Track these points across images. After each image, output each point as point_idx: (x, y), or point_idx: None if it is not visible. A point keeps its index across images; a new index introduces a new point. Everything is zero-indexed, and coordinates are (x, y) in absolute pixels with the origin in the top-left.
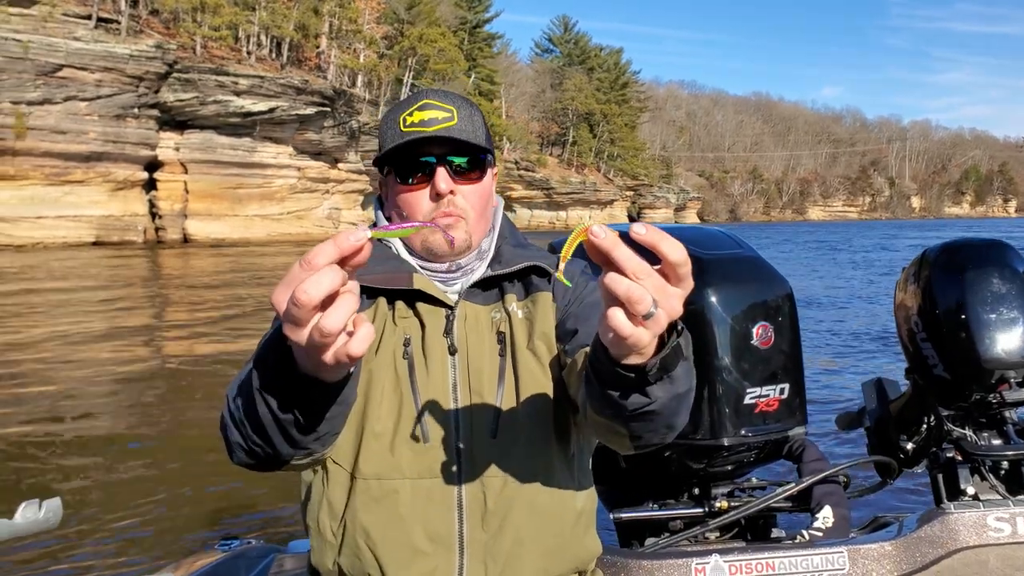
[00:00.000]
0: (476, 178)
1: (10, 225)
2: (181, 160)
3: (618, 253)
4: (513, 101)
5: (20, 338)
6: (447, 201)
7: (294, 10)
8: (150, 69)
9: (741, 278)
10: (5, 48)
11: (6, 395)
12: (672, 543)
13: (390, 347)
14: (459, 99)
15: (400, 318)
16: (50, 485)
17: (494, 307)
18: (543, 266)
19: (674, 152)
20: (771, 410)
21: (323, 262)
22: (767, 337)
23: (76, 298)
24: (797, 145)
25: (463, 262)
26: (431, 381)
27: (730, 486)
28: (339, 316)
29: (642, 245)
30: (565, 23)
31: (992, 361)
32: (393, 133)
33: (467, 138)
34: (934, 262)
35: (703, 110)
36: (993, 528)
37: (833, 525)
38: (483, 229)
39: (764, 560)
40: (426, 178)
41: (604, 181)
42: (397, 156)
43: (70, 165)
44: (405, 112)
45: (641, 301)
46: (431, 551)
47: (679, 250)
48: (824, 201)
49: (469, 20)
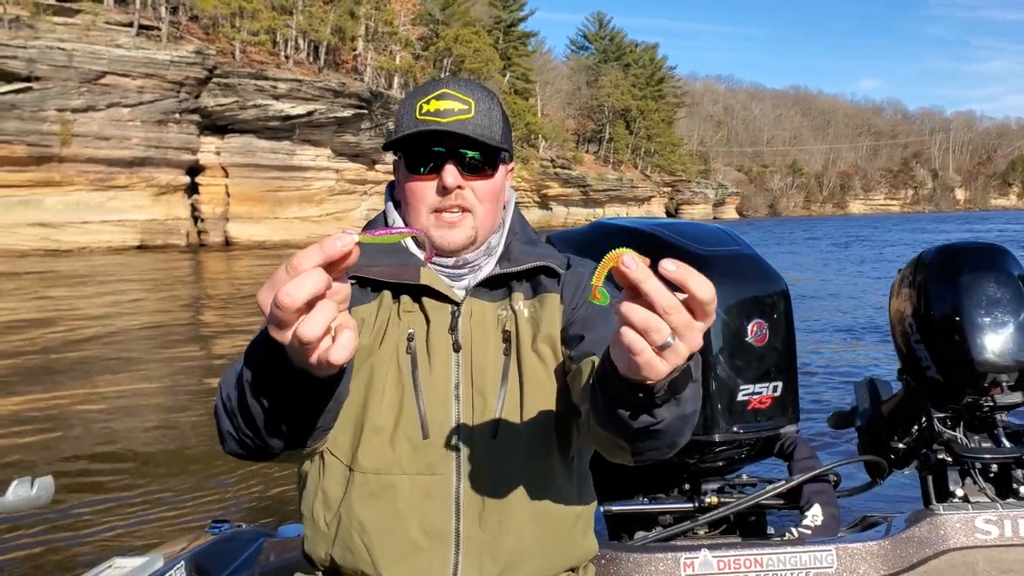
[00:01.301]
0: (487, 174)
1: (56, 230)
2: (222, 164)
3: (648, 287)
4: (548, 99)
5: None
6: (455, 195)
7: (331, 13)
8: (190, 74)
9: (737, 275)
10: (50, 56)
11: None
12: (662, 537)
13: (393, 342)
14: (480, 90)
15: (405, 312)
16: (41, 464)
17: (500, 304)
18: (552, 266)
19: (712, 147)
20: (763, 407)
21: (308, 266)
22: (761, 334)
23: (124, 299)
24: (837, 138)
25: (470, 258)
26: (434, 378)
27: (720, 482)
28: (318, 322)
29: (672, 282)
30: (600, 20)
31: (985, 364)
32: (408, 119)
33: (481, 133)
34: (930, 265)
35: (741, 104)
36: (981, 530)
37: (822, 523)
38: (491, 225)
39: (753, 556)
40: (436, 170)
41: (641, 177)
42: (408, 143)
43: (114, 170)
44: (423, 99)
45: (658, 331)
46: (426, 546)
47: (708, 288)
48: (865, 195)
49: (504, 19)
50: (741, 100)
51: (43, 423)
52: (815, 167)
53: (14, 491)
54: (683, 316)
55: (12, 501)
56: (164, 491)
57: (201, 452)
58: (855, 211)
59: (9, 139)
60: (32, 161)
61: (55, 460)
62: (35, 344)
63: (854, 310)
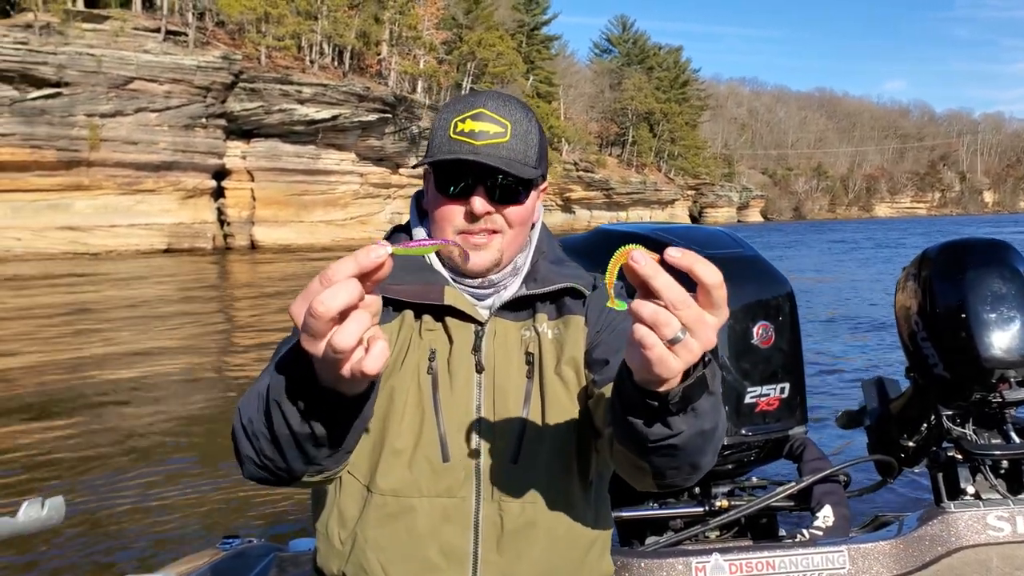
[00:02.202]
0: (519, 200)
1: (85, 234)
2: (248, 168)
3: (658, 282)
4: (571, 102)
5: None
6: (484, 219)
7: (356, 18)
8: (217, 79)
9: (741, 277)
10: (79, 62)
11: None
12: (673, 542)
13: (414, 361)
14: (518, 111)
15: (426, 331)
16: (52, 481)
17: (524, 325)
18: (578, 287)
19: (736, 150)
20: (771, 409)
21: (342, 276)
22: (767, 336)
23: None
24: (863, 140)
25: (495, 278)
26: (455, 399)
27: (730, 485)
28: (352, 331)
29: (678, 269)
30: (623, 23)
31: (992, 360)
32: (442, 135)
33: (516, 158)
34: (935, 261)
35: (765, 107)
36: (993, 527)
37: (833, 524)
38: (518, 247)
39: (764, 559)
40: (466, 194)
41: (665, 180)
42: (440, 162)
43: (141, 175)
44: (458, 116)
45: (667, 325)
46: (444, 567)
47: (714, 273)
48: (892, 197)
49: (527, 23)
50: (765, 102)
51: (51, 440)
52: (840, 170)
53: (25, 512)
54: (693, 310)
55: (23, 522)
56: (175, 506)
57: (213, 465)
58: (881, 214)
59: (39, 144)
60: (61, 165)
61: (65, 476)
62: (62, 354)
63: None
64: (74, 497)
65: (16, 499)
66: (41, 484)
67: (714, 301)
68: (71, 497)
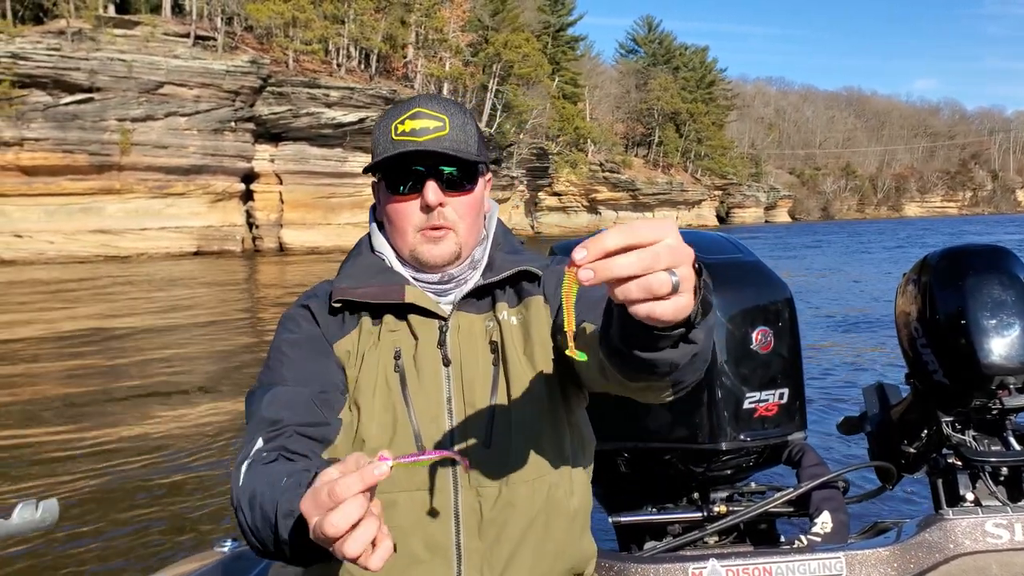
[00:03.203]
0: (467, 189)
1: (116, 237)
2: (276, 171)
3: (620, 268)
4: (597, 103)
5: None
6: (437, 213)
7: (382, 22)
8: (245, 84)
9: (740, 283)
10: (111, 68)
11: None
12: (671, 547)
13: (381, 363)
14: (452, 106)
15: (389, 331)
16: (48, 483)
17: (487, 316)
18: (532, 270)
19: (763, 150)
20: (770, 415)
21: (349, 495)
22: (766, 342)
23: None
24: (892, 140)
25: (455, 272)
26: (424, 393)
27: (729, 490)
28: (360, 541)
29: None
30: (649, 23)
31: (992, 367)
32: (384, 140)
33: (458, 148)
34: (935, 268)
35: (792, 106)
36: (992, 534)
37: (831, 530)
38: (475, 238)
39: (761, 565)
40: (416, 189)
41: (691, 181)
42: (387, 165)
43: (171, 178)
44: (397, 120)
45: (661, 284)
46: (428, 559)
47: (616, 236)
48: (921, 197)
49: (552, 24)
50: (793, 102)
51: (59, 441)
52: (869, 169)
53: (19, 514)
54: (663, 255)
55: (17, 524)
56: (172, 509)
57: (209, 469)
58: (911, 214)
59: (72, 148)
60: (93, 169)
61: (64, 478)
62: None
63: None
64: (73, 496)
65: (23, 497)
66: (42, 485)
67: (658, 253)
68: (72, 496)
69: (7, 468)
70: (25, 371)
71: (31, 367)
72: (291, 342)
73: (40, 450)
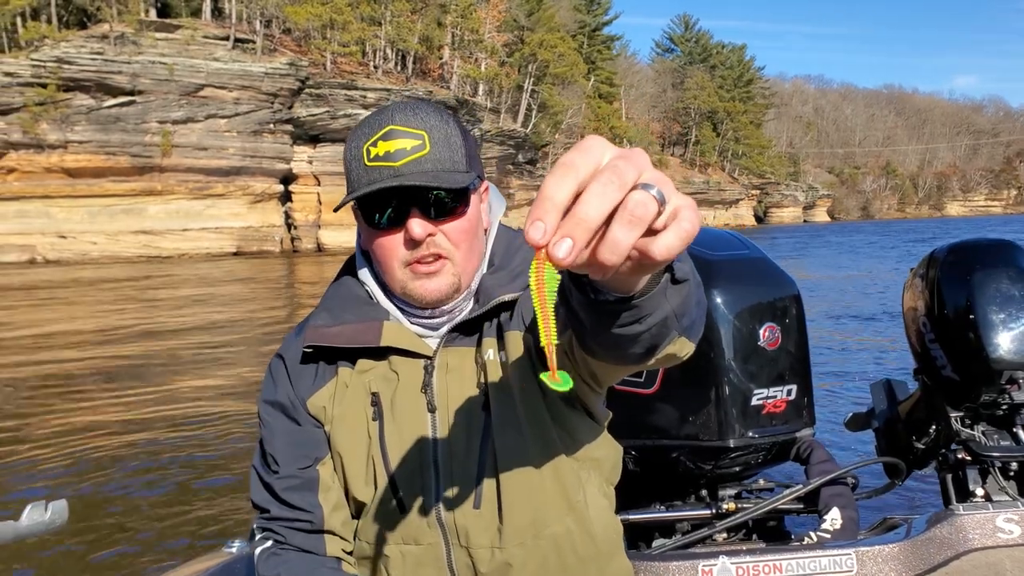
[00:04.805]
0: (459, 211)
1: (158, 237)
2: (314, 173)
3: (590, 217)
4: (633, 102)
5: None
6: (427, 244)
7: (418, 23)
8: (284, 86)
9: (747, 279)
10: (152, 71)
11: None
12: (680, 545)
13: (357, 411)
14: (431, 115)
15: (368, 373)
16: (56, 483)
17: (477, 353)
18: (507, 299)
19: (801, 149)
20: (778, 411)
21: None
22: (774, 338)
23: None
24: (933, 138)
25: (447, 307)
26: (404, 446)
27: (738, 488)
28: None
29: None
30: (686, 22)
31: (1001, 362)
32: (358, 168)
33: (443, 167)
34: (942, 262)
35: (831, 105)
36: (1003, 529)
37: (841, 527)
38: (475, 264)
39: (771, 562)
40: (398, 222)
41: (729, 180)
42: (363, 196)
43: (212, 180)
44: (368, 142)
45: (646, 206)
46: None
47: (557, 179)
48: (964, 196)
49: (588, 23)
50: (832, 100)
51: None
52: (910, 168)
53: (28, 515)
54: (627, 170)
55: (27, 526)
56: (183, 510)
57: (229, 469)
58: (953, 213)
59: (114, 150)
60: (135, 171)
61: (78, 478)
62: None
63: None
64: (86, 496)
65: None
66: (70, 482)
67: (610, 165)
68: (89, 496)
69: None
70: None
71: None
72: (269, 408)
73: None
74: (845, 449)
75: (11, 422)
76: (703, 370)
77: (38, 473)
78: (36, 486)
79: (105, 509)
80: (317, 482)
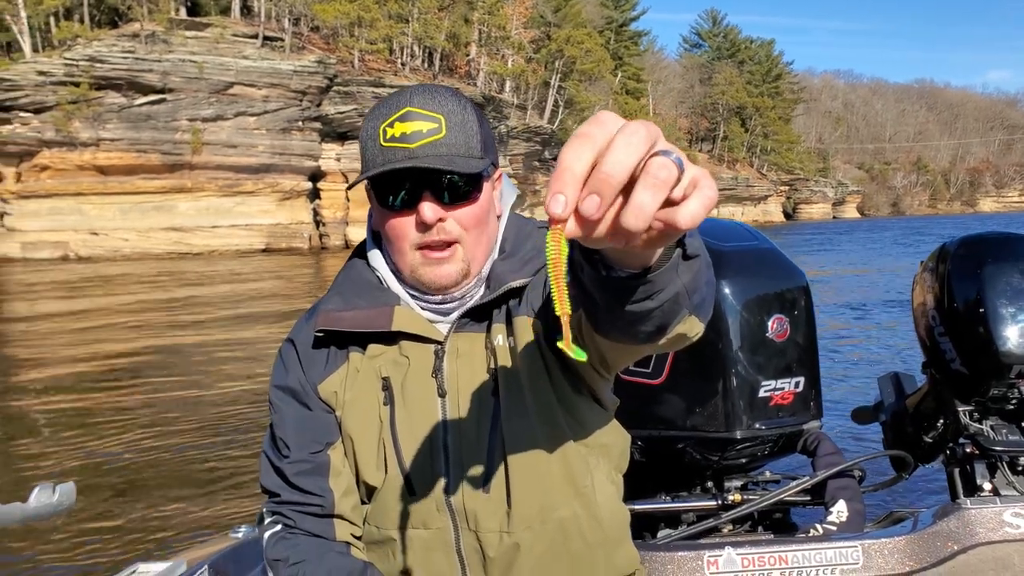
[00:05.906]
0: (472, 197)
1: (188, 234)
2: (342, 170)
3: (613, 175)
4: (660, 98)
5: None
6: (437, 228)
7: (445, 20)
8: (312, 83)
9: (756, 270)
10: (182, 69)
11: None
12: (686, 535)
13: (368, 396)
14: (450, 100)
15: (380, 358)
16: (63, 467)
17: (488, 338)
18: (517, 285)
19: (831, 144)
20: (786, 403)
21: None
22: (782, 330)
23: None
24: (966, 133)
25: (457, 294)
26: (416, 430)
27: (744, 479)
28: None
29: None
30: (714, 17)
31: (1010, 355)
32: (372, 146)
33: (458, 152)
34: (952, 256)
35: (861, 100)
36: (1010, 524)
37: (847, 519)
38: (485, 251)
39: (777, 553)
40: (410, 204)
41: (757, 176)
42: (377, 176)
43: (241, 177)
44: (385, 122)
45: (669, 169)
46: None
47: (576, 147)
48: (997, 192)
49: (615, 19)
50: (862, 95)
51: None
52: (942, 163)
53: (36, 497)
54: (643, 136)
55: (35, 508)
56: (188, 495)
57: (228, 457)
58: (986, 209)
59: (145, 148)
60: (165, 169)
61: (85, 462)
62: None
63: None
64: (91, 481)
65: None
66: (74, 468)
67: (625, 130)
68: (94, 481)
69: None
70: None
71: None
72: (280, 393)
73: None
74: (856, 438)
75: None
76: (710, 361)
77: (44, 457)
78: (46, 471)
79: (113, 492)
80: (328, 466)
